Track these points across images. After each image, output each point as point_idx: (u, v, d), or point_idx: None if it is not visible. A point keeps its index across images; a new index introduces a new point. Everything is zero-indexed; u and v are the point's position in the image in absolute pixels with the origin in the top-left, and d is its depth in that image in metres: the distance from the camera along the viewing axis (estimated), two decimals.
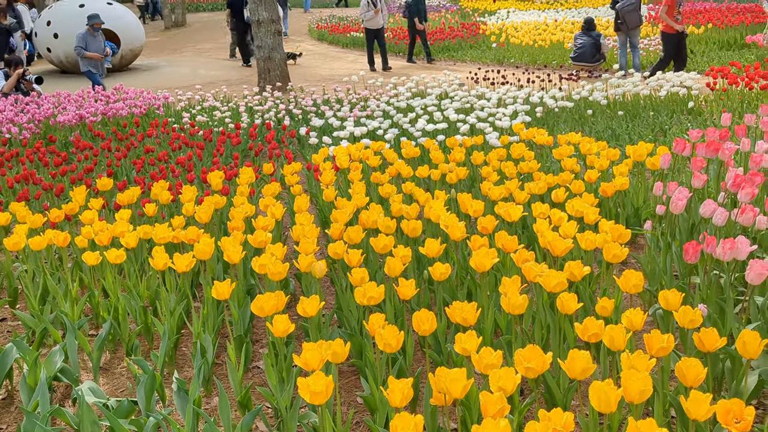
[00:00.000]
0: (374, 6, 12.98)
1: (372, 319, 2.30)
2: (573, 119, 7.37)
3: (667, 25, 9.48)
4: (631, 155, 4.33)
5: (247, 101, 9.28)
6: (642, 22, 10.92)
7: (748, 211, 2.76)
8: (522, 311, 2.39)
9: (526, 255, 2.83)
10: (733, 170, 3.28)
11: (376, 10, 12.97)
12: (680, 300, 2.35)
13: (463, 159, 4.76)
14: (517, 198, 3.75)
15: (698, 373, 1.90)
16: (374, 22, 13.14)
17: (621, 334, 2.09)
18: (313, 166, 5.12)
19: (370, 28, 13.30)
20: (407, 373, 2.69)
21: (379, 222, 3.24)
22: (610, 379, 1.77)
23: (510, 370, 1.91)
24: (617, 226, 3.04)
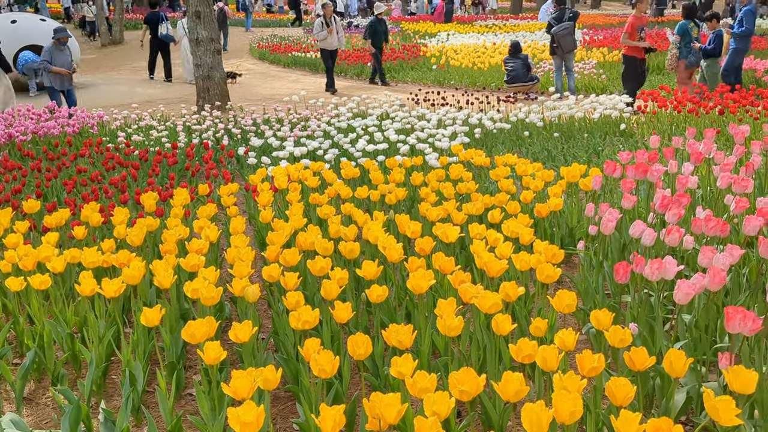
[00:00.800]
0: (327, 26, 12.74)
1: (307, 343, 2.27)
2: (511, 140, 7.50)
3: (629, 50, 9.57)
4: (564, 176, 4.42)
5: (185, 120, 9.12)
6: (576, 46, 11.21)
7: (674, 232, 2.84)
8: (457, 333, 2.39)
9: (462, 276, 2.84)
10: (660, 191, 3.38)
11: (330, 29, 12.73)
12: (611, 319, 2.40)
13: (402, 180, 4.77)
14: (455, 219, 3.77)
15: (627, 392, 1.93)
16: (328, 43, 12.89)
17: (553, 354, 2.11)
18: (251, 186, 5.05)
19: (325, 49, 13.04)
20: (344, 397, 2.65)
21: (316, 244, 3.21)
22: (542, 401, 1.78)
23: (444, 394, 1.90)
24: (551, 247, 3.09)
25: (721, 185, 3.53)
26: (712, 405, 1.84)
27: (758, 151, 4.06)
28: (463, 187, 4.43)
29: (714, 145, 4.29)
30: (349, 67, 15.63)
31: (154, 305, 3.00)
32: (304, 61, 17.16)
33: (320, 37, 12.90)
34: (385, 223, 4.15)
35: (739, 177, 3.38)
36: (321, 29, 12.83)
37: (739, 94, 7.97)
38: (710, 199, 4.07)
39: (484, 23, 24.71)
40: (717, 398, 1.85)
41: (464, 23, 24.26)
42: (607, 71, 12.94)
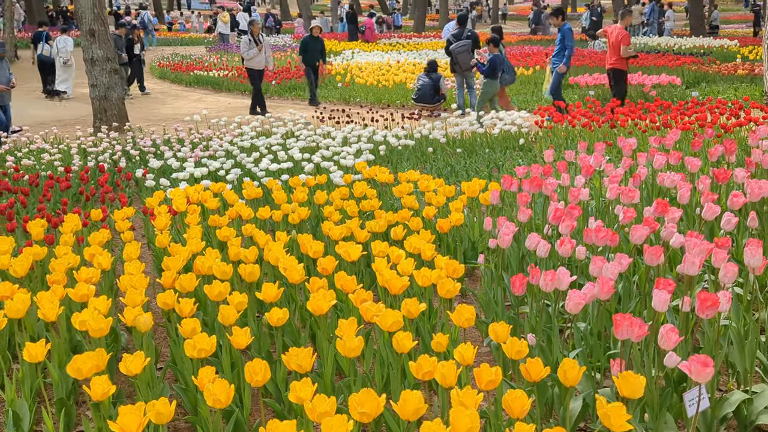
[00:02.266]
0: (256, 43, 12.05)
1: (201, 372, 2.19)
2: (415, 157, 7.59)
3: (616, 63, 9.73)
4: (465, 191, 4.50)
5: (81, 142, 8.76)
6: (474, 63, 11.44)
7: (566, 243, 2.93)
8: (357, 354, 2.37)
9: (364, 295, 2.82)
10: (554, 204, 3.48)
11: (260, 47, 12.06)
12: (508, 332, 2.43)
13: (306, 199, 4.73)
14: (358, 237, 3.76)
15: (523, 404, 1.95)
16: (257, 62, 12.19)
17: (451, 370, 2.12)
18: (149, 210, 4.88)
19: (253, 68, 12.23)
20: (245, 425, 2.58)
21: (214, 268, 3.12)
22: (439, 419, 1.78)
23: (342, 418, 1.87)
24: (451, 262, 3.12)
25: (610, 196, 3.68)
26: (604, 412, 1.90)
27: (644, 163, 4.27)
28: (366, 204, 4.43)
29: (604, 158, 4.47)
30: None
31: (41, 339, 2.83)
32: (206, 80, 16.85)
33: (249, 55, 12.11)
34: (288, 244, 4.10)
35: (627, 188, 3.53)
36: (249, 47, 12.08)
37: (628, 108, 8.38)
38: (602, 210, 4.24)
39: (388, 41, 25.03)
40: (608, 405, 1.90)
41: (368, 42, 24.50)
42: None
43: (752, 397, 2.57)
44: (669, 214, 3.24)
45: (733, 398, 2.53)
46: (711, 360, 1.93)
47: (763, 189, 3.36)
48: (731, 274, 2.54)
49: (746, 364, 2.70)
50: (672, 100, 10.27)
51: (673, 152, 4.36)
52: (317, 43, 13.08)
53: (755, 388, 2.67)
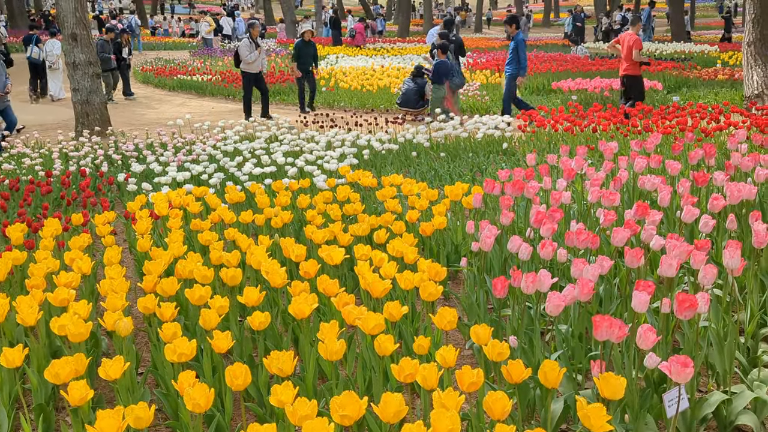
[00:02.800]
0: (256, 47, 11.68)
1: (181, 377, 2.17)
2: (399, 161, 7.60)
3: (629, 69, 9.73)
4: (448, 195, 4.51)
5: (62, 147, 8.69)
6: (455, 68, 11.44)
7: (547, 246, 2.94)
8: (339, 357, 2.36)
9: (346, 298, 2.82)
10: (536, 207, 3.50)
11: (259, 50, 11.70)
12: (489, 334, 2.44)
13: (288, 203, 4.73)
14: (341, 240, 3.76)
15: (504, 405, 1.96)
16: (255, 66, 11.82)
17: (433, 372, 2.12)
18: (130, 214, 4.85)
19: (248, 72, 11.82)
20: (226, 430, 2.56)
21: (195, 272, 3.10)
22: (420, 422, 1.78)
23: (323, 421, 1.87)
24: (434, 265, 3.13)
25: (591, 199, 3.71)
26: (584, 413, 1.90)
27: (625, 166, 4.30)
28: (349, 208, 4.42)
29: (586, 162, 4.50)
30: (237, 90, 15.42)
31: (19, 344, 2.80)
32: (190, 84, 16.78)
33: (250, 59, 11.65)
34: (270, 248, 4.09)
35: (608, 191, 3.56)
36: (250, 50, 11.65)
37: (610, 113, 8.45)
38: (584, 213, 4.26)
39: (372, 46, 25.07)
40: (589, 406, 1.91)
41: (359, 46, 24.52)
42: (490, 93, 13.40)
43: (731, 398, 2.59)
44: (649, 216, 3.26)
45: (713, 399, 2.55)
46: (691, 360, 1.94)
47: (742, 191, 3.40)
48: (710, 276, 2.56)
49: (725, 365, 2.73)
50: (653, 104, 10.36)
51: (654, 156, 4.40)
52: (310, 48, 12.66)
53: (734, 389, 2.69)
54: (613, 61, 16.90)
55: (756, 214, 3.29)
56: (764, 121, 6.85)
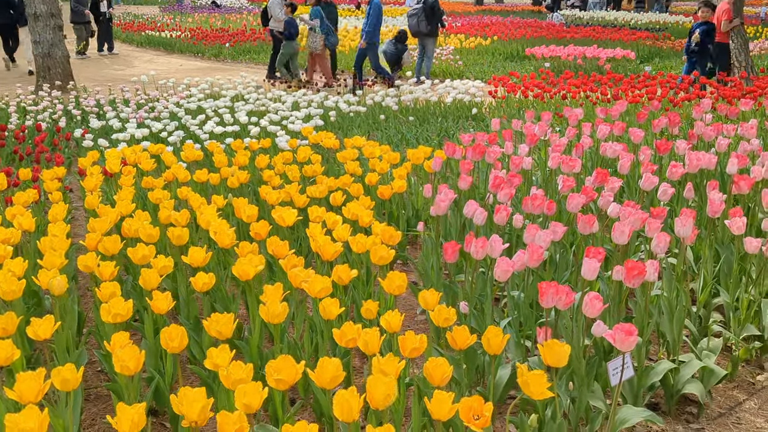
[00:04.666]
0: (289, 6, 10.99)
1: (114, 338, 2.09)
2: (367, 124, 7.48)
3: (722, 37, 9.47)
4: (410, 158, 4.43)
5: (20, 101, 8.41)
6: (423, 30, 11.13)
7: (501, 211, 2.88)
8: (281, 320, 2.30)
9: (294, 261, 2.74)
10: (495, 172, 3.44)
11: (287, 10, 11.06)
12: (437, 299, 2.38)
13: (246, 162, 4.61)
14: (297, 202, 3.67)
15: (444, 371, 1.91)
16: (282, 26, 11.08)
17: (374, 337, 2.06)
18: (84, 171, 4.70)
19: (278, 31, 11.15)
20: (166, 392, 2.49)
21: (141, 230, 3.00)
22: (354, 387, 1.72)
23: (257, 385, 1.80)
24: (388, 228, 3.05)
25: (551, 165, 3.65)
26: (524, 380, 1.86)
27: (588, 133, 4.25)
28: (309, 170, 4.32)
29: (549, 128, 4.44)
30: (206, 48, 15.09)
31: None
32: (158, 41, 16.37)
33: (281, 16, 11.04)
34: (225, 209, 3.99)
35: (568, 157, 3.50)
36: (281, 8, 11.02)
37: (580, 80, 8.39)
38: (546, 180, 4.21)
39: (347, 6, 24.64)
40: (529, 373, 1.87)
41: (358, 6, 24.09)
42: (463, 57, 13.26)
43: (679, 367, 2.59)
44: (608, 183, 3.22)
45: (660, 367, 2.54)
46: (635, 329, 1.91)
47: (701, 160, 3.36)
48: (663, 244, 2.53)
49: (674, 334, 2.71)
50: (625, 73, 10.33)
51: (618, 123, 4.35)
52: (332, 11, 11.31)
53: (683, 358, 2.68)
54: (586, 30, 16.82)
55: (713, 183, 3.26)
56: (732, 92, 6.85)
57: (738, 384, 2.87)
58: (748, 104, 5.12)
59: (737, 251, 3.22)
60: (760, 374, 2.93)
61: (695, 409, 2.66)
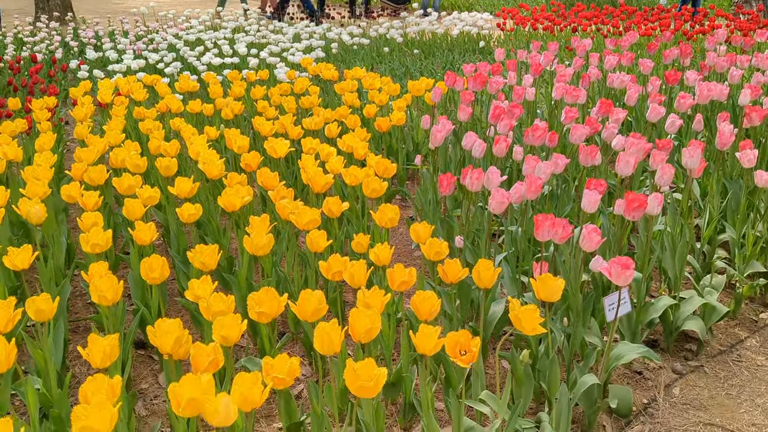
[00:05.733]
0: None
1: (92, 268, 2.02)
2: (370, 57, 7.28)
3: None
4: (410, 90, 4.28)
5: (18, 32, 8.23)
6: None
7: (500, 142, 2.76)
8: (266, 251, 2.22)
9: (284, 192, 2.65)
10: (495, 103, 3.30)
11: None
12: (429, 232, 2.30)
13: (242, 94, 4.48)
14: (291, 133, 3.56)
15: (432, 305, 1.83)
16: None
17: (361, 270, 1.98)
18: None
19: None
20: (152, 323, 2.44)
21: (127, 160, 2.91)
22: (335, 320, 1.65)
23: (236, 317, 1.73)
24: (383, 160, 2.95)
25: (555, 96, 3.51)
26: (516, 315, 1.78)
27: (596, 64, 4.08)
28: (305, 101, 4.19)
29: (555, 59, 4.26)
30: None
31: None
32: None
33: None
34: (219, 140, 3.88)
35: (572, 87, 3.36)
36: None
37: (592, 13, 8.10)
38: (551, 113, 4.07)
39: None
40: (520, 308, 1.79)
41: None
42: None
43: (679, 303, 2.51)
44: (612, 114, 3.08)
45: (660, 303, 2.46)
46: (632, 262, 1.81)
47: (712, 91, 3.21)
48: (667, 176, 2.42)
49: (676, 270, 2.62)
50: (638, 6, 9.98)
51: (627, 53, 4.17)
52: None
53: (684, 294, 2.60)
54: None
55: (724, 114, 3.12)
56: (748, 24, 6.59)
57: (740, 322, 2.80)
58: (764, 35, 4.90)
59: (746, 186, 3.10)
60: (763, 312, 2.86)
61: (695, 347, 2.60)
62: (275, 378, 1.56)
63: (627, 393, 2.20)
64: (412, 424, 2.18)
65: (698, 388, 2.41)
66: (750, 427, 2.23)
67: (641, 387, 2.40)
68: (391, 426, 2.19)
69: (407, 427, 2.17)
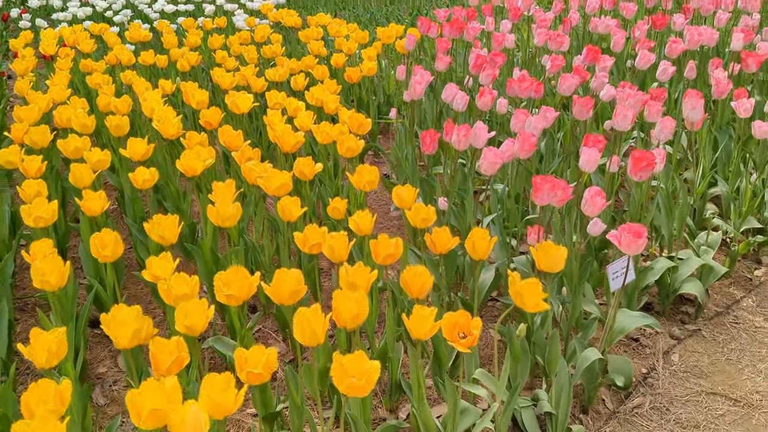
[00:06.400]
0: None
1: (33, 247, 1.77)
2: (333, 2, 6.94)
3: None
4: (381, 38, 4.02)
5: None
6: None
7: (485, 94, 2.55)
8: (233, 223, 1.99)
9: (250, 153, 2.40)
10: (476, 51, 3.07)
11: None
12: (414, 196, 2.09)
13: (199, 43, 4.16)
14: (254, 86, 3.29)
15: (424, 282, 1.64)
16: None
17: (342, 242, 1.77)
18: None
19: None
20: (109, 303, 2.21)
21: (74, 119, 2.62)
22: (318, 306, 1.44)
23: (202, 303, 1.52)
24: (357, 115, 2.71)
25: (537, 43, 3.29)
26: (517, 290, 1.60)
27: (576, 7, 3.85)
28: (268, 50, 3.90)
29: (533, 3, 4.02)
30: None
31: None
32: None
33: None
34: (174, 94, 3.59)
35: (555, 33, 3.14)
36: None
37: None
38: (528, 61, 3.85)
39: None
40: (521, 283, 1.61)
41: None
42: None
43: (677, 265, 2.36)
44: (600, 62, 2.88)
45: (658, 266, 2.31)
46: (644, 230, 1.64)
47: (703, 35, 3.02)
48: (668, 130, 2.24)
49: (672, 229, 2.47)
50: None
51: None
52: None
53: (681, 254, 2.46)
54: None
55: (716, 61, 2.95)
56: None
57: (735, 280, 2.67)
58: None
59: (737, 136, 2.96)
60: (757, 269, 2.74)
61: (691, 309, 2.47)
62: (250, 373, 1.36)
63: (627, 365, 2.05)
64: (398, 404, 2.01)
65: (697, 354, 2.28)
66: (753, 395, 2.11)
67: (639, 355, 2.26)
68: (375, 407, 2.02)
69: (393, 408, 2.00)
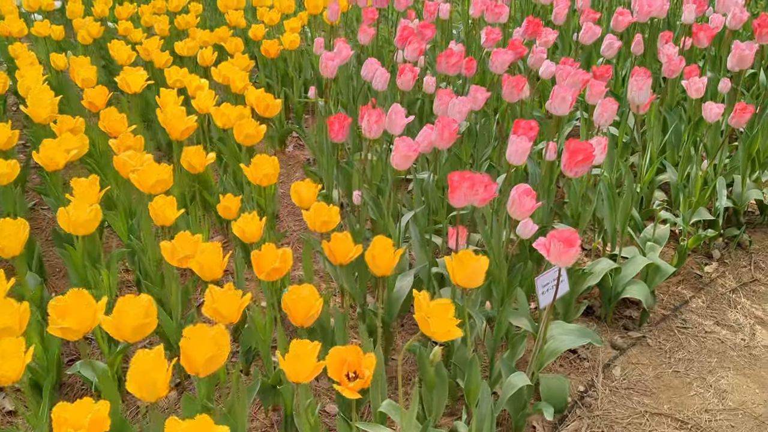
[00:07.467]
0: None
1: None
2: None
3: None
4: (307, 7, 3.66)
5: None
6: None
7: (406, 72, 2.23)
8: (90, 230, 1.65)
9: (130, 141, 2.05)
10: (404, 22, 2.75)
11: None
12: (314, 193, 1.77)
13: (107, 14, 3.75)
14: (157, 62, 2.91)
15: (310, 306, 1.33)
16: None
17: (216, 254, 1.45)
18: None
19: None
20: None
21: None
22: (161, 347, 1.13)
23: (18, 343, 1.19)
24: (265, 96, 2.37)
25: (473, 14, 2.97)
26: (422, 316, 1.31)
27: None
28: (182, 21, 3.51)
29: None
30: None
31: None
32: None
33: None
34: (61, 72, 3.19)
35: (493, 3, 2.83)
36: None
37: None
38: (468, 35, 3.55)
39: None
40: (429, 305, 1.31)
41: None
42: None
43: (620, 266, 2.10)
44: (541, 36, 2.59)
45: (598, 268, 2.05)
46: (577, 237, 1.36)
47: (652, 6, 2.75)
48: (609, 114, 1.96)
49: (616, 223, 2.21)
50: None
51: None
52: None
53: (625, 252, 2.21)
54: None
55: (667, 34, 2.68)
56: None
57: (683, 278, 2.44)
58: None
59: (688, 117, 2.71)
60: (707, 264, 2.51)
61: (636, 313, 2.22)
62: None
63: (562, 384, 1.79)
64: None
65: (641, 365, 2.04)
66: (702, 414, 1.87)
67: (577, 370, 2.01)
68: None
69: None
